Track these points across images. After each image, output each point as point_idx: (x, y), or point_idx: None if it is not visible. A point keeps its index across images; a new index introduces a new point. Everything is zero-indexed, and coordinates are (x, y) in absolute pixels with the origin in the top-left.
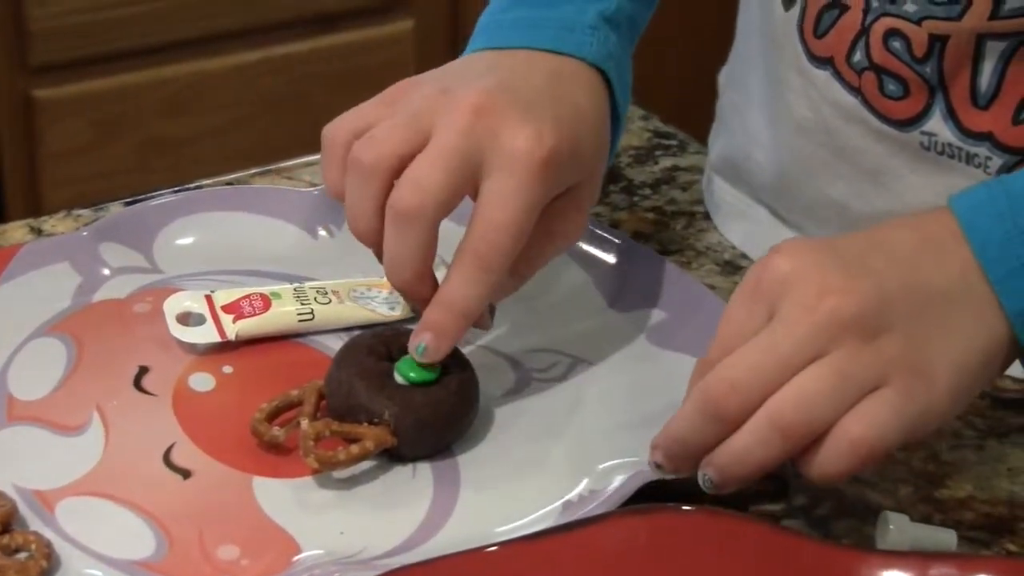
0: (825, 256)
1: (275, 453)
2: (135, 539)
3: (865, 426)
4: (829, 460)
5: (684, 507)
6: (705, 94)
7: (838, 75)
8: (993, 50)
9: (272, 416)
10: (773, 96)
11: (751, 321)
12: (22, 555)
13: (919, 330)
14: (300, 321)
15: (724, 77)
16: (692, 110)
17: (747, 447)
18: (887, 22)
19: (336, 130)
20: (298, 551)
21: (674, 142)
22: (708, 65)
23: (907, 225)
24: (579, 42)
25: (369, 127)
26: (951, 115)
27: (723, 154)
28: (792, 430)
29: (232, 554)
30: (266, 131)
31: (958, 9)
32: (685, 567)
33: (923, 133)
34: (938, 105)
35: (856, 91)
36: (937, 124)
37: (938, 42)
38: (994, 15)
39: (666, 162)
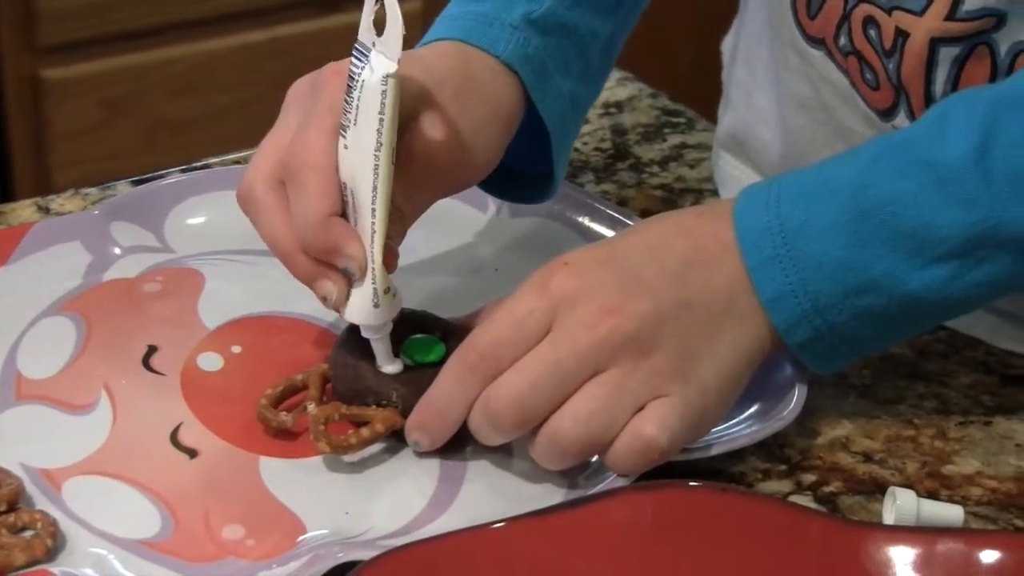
0: (607, 272)
1: (282, 435)
2: (141, 518)
3: (656, 427)
4: (627, 457)
5: (691, 483)
6: (714, 69)
7: (831, 56)
8: (947, 57)
9: (277, 402)
10: (777, 74)
11: (529, 319)
12: (28, 533)
13: (688, 344)
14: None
15: (728, 48)
16: (701, 84)
17: (538, 461)
18: (865, 8)
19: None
20: (303, 531)
21: (682, 120)
22: (715, 40)
23: (682, 232)
24: (494, 39)
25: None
26: (913, 118)
27: (729, 131)
28: (571, 448)
29: (238, 534)
30: (273, 112)
31: (923, 3)
32: (692, 543)
33: (895, 128)
34: (903, 105)
35: (846, 73)
36: (904, 122)
37: (900, 37)
38: (951, 16)
39: (674, 139)
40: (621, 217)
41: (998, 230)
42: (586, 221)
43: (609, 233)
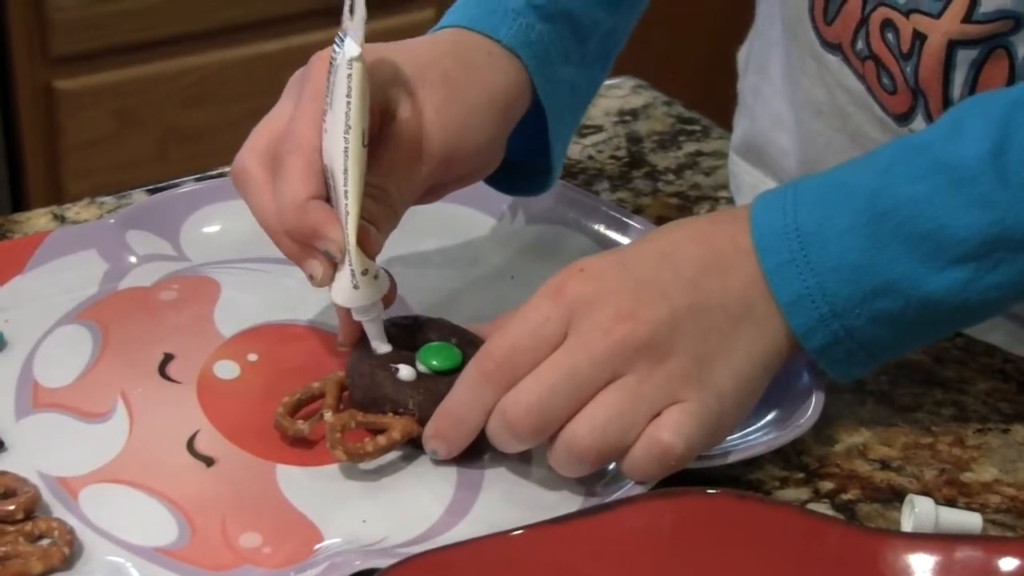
0: (622, 278)
1: (299, 443)
2: (158, 526)
3: (673, 434)
4: (644, 464)
5: (709, 490)
6: (728, 76)
7: (847, 61)
8: (964, 60)
9: (294, 410)
10: (793, 80)
11: (545, 326)
12: (45, 542)
13: (704, 349)
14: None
15: (743, 57)
16: (716, 92)
17: (556, 468)
18: (883, 12)
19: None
20: (320, 539)
21: (697, 127)
22: (730, 47)
23: (698, 238)
24: (495, 24)
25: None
26: (931, 121)
27: (745, 137)
28: (588, 455)
29: (254, 541)
30: None
31: (940, 5)
32: (710, 550)
33: (912, 131)
34: (920, 109)
35: (862, 78)
36: (920, 126)
37: (918, 40)
38: (968, 18)
39: (689, 147)
40: (636, 224)
41: (1015, 231)
42: (601, 228)
43: (624, 240)
